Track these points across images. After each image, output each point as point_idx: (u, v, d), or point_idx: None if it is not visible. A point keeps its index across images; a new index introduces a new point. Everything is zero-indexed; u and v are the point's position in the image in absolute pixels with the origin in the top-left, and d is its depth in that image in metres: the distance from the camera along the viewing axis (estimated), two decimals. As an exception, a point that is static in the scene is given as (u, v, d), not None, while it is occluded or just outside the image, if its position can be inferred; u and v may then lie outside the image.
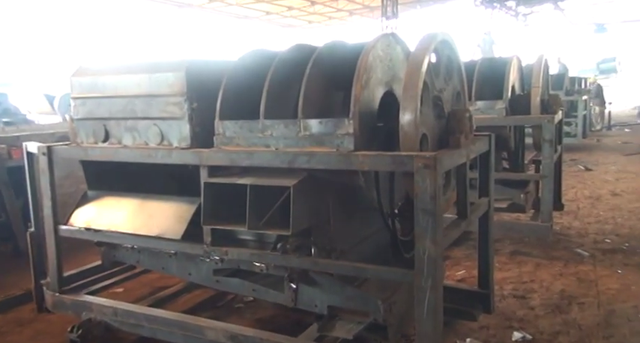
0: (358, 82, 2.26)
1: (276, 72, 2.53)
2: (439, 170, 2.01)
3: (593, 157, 10.47)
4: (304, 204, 2.32)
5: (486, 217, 2.88)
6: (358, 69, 2.29)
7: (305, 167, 2.28)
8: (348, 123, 2.24)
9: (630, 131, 14.90)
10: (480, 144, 2.67)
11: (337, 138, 2.27)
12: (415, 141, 2.14)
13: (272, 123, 2.43)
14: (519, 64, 4.77)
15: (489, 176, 2.85)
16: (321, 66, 2.46)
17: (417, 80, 2.15)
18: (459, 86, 2.74)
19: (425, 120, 2.30)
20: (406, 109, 2.14)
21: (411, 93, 2.14)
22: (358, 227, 2.64)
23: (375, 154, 2.14)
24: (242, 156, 2.42)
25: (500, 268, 4.39)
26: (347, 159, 2.17)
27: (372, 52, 2.37)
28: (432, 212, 2.01)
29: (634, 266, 4.35)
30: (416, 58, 2.20)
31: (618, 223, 5.68)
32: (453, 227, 2.35)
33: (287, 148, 2.38)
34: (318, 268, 2.31)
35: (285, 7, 22.90)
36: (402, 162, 2.07)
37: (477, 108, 4.47)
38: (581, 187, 7.67)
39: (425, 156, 2.00)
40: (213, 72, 2.68)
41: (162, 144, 2.76)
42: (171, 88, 2.66)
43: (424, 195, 2.01)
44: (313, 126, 2.32)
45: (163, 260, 2.91)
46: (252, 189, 2.34)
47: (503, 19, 21.28)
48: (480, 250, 2.93)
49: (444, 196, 2.61)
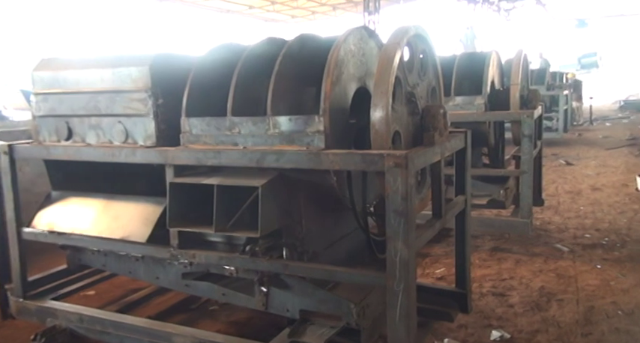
0: (328, 78, 2.17)
1: (245, 67, 2.43)
2: (411, 169, 1.93)
3: (574, 152, 10.54)
4: (274, 204, 2.24)
5: (463, 215, 2.82)
6: (328, 64, 2.20)
7: (274, 166, 2.19)
8: (318, 120, 2.15)
9: (611, 125, 15.06)
10: (456, 141, 2.60)
11: (307, 136, 2.18)
12: (386, 139, 2.06)
13: (240, 121, 2.33)
14: (499, 58, 4.72)
15: (466, 173, 2.78)
16: (291, 60, 2.37)
17: (389, 75, 2.07)
18: (435, 81, 2.67)
19: (397, 117, 2.22)
20: (377, 106, 2.06)
21: (382, 90, 2.06)
22: (332, 227, 2.56)
23: (345, 153, 2.05)
24: (209, 155, 2.31)
25: (480, 265, 4.36)
26: (317, 158, 2.09)
27: (343, 46, 2.28)
28: (404, 213, 1.93)
29: (613, 261, 4.34)
30: (387, 53, 2.12)
31: (598, 218, 5.69)
32: (427, 227, 2.28)
33: (256, 147, 2.29)
34: (288, 271, 2.23)
35: (269, 1, 22.66)
36: (372, 161, 1.98)
37: (456, 103, 4.42)
38: (562, 182, 7.69)
39: (395, 154, 1.92)
40: (180, 66, 2.57)
41: (127, 142, 2.65)
42: (135, 84, 2.55)
43: (395, 196, 1.94)
44: (282, 124, 2.23)
45: (130, 263, 2.80)
46: (220, 190, 2.25)
47: (485, 14, 21.36)
48: (457, 249, 2.87)
49: (419, 195, 2.54)
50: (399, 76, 2.20)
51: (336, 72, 2.22)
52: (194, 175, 2.42)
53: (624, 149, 10.46)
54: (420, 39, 2.45)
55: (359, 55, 2.44)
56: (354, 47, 2.40)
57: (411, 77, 2.36)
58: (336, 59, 2.21)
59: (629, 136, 12.15)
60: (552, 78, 12.62)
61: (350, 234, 2.69)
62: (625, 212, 5.85)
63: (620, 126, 14.55)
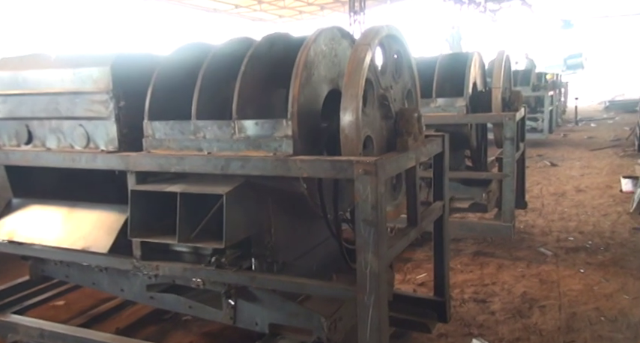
0: (297, 80, 2.06)
1: (211, 67, 2.31)
2: (381, 176, 1.83)
3: (559, 153, 10.54)
4: (240, 213, 2.12)
5: (441, 222, 2.72)
6: (297, 65, 2.09)
7: (240, 173, 2.07)
8: (286, 124, 2.04)
9: (596, 126, 15.13)
10: (433, 145, 2.50)
11: (275, 141, 2.07)
12: (357, 144, 1.96)
13: (205, 125, 2.21)
14: (481, 59, 4.64)
15: (444, 178, 2.69)
16: (259, 61, 2.26)
17: (359, 77, 1.96)
18: (411, 83, 2.57)
19: (369, 121, 2.12)
20: (347, 109, 1.96)
21: (352, 92, 1.95)
22: (304, 236, 2.45)
23: (313, 159, 1.94)
24: (171, 161, 2.19)
25: (462, 270, 4.28)
26: (284, 164, 1.97)
27: (313, 46, 2.17)
28: (374, 222, 1.83)
29: (596, 265, 4.29)
30: (357, 54, 2.01)
31: (582, 220, 5.65)
32: (401, 236, 2.18)
33: (221, 152, 2.17)
34: (255, 284, 2.12)
35: (255, 0, 22.50)
36: (341, 168, 1.88)
37: (437, 105, 4.33)
38: (546, 183, 7.66)
39: (365, 161, 1.82)
40: (144, 67, 2.44)
41: (89, 147, 2.52)
42: (96, 85, 2.42)
43: (365, 204, 1.83)
44: (249, 128, 2.12)
45: (93, 274, 2.66)
46: (183, 198, 2.13)
47: (472, 15, 21.39)
48: (435, 256, 2.78)
49: (395, 201, 2.44)
50: (371, 77, 2.10)
51: (305, 73, 2.11)
52: (158, 182, 2.30)
53: (609, 150, 10.48)
54: (394, 39, 2.35)
55: (331, 55, 2.33)
56: (326, 47, 2.29)
57: (384, 79, 2.26)
58: (305, 60, 2.10)
59: (614, 137, 12.20)
60: (538, 78, 12.64)
61: (325, 242, 2.58)
62: (609, 214, 5.82)
63: (605, 127, 14.62)
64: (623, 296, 3.65)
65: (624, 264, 4.26)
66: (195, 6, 22.19)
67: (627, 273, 4.07)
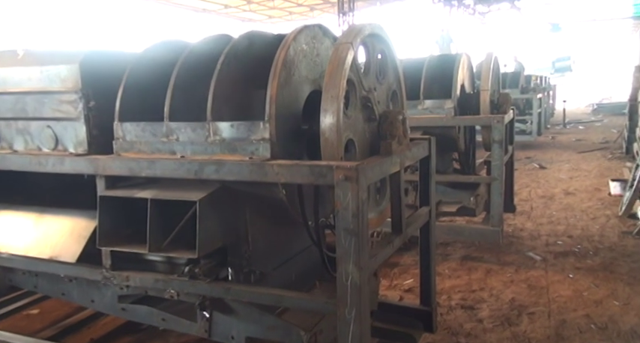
0: (275, 80, 1.95)
1: (186, 66, 2.19)
2: (363, 182, 1.73)
3: (548, 155, 10.53)
4: (215, 220, 2.01)
5: (428, 228, 2.62)
6: (275, 64, 1.98)
7: (214, 178, 1.96)
8: (263, 126, 1.93)
9: (584, 128, 15.19)
10: (419, 149, 2.40)
11: (251, 144, 1.96)
12: (337, 148, 1.85)
13: (178, 126, 2.09)
14: (469, 61, 4.56)
15: (430, 183, 2.59)
16: (236, 60, 2.14)
17: (340, 78, 1.86)
18: (396, 85, 2.47)
19: (351, 123, 2.02)
20: (327, 112, 1.85)
21: (332, 93, 1.85)
22: (284, 244, 2.34)
23: (291, 164, 1.83)
24: (142, 164, 2.07)
25: (449, 275, 4.19)
26: (260, 169, 1.86)
27: (292, 45, 2.07)
28: (355, 231, 1.72)
29: (585, 270, 4.22)
30: (338, 53, 1.91)
31: (571, 224, 5.60)
32: (384, 245, 2.08)
33: (194, 156, 2.06)
34: (230, 296, 2.00)
35: (244, 0, 22.34)
36: (321, 174, 1.77)
37: (425, 107, 4.24)
38: (535, 186, 7.62)
39: (345, 166, 1.71)
40: (115, 65, 2.32)
41: (57, 149, 2.39)
42: (64, 84, 2.29)
43: (346, 212, 1.73)
44: (224, 131, 2.00)
45: (63, 285, 2.52)
46: (155, 204, 2.01)
47: (461, 17, 21.43)
48: (421, 264, 2.68)
49: (379, 207, 2.34)
50: (353, 78, 2.00)
51: (284, 73, 2.00)
52: (129, 187, 2.18)
53: (597, 152, 10.49)
54: (377, 38, 2.24)
55: (312, 55, 2.23)
56: (307, 46, 2.19)
57: (367, 80, 2.15)
58: (283, 59, 1.99)
59: (602, 140, 12.23)
60: (526, 81, 12.64)
61: (307, 248, 2.47)
62: (597, 218, 5.78)
63: (593, 130, 14.68)
64: (613, 303, 3.58)
65: (614, 269, 4.20)
66: (184, 6, 21.97)
67: (617, 278, 4.00)
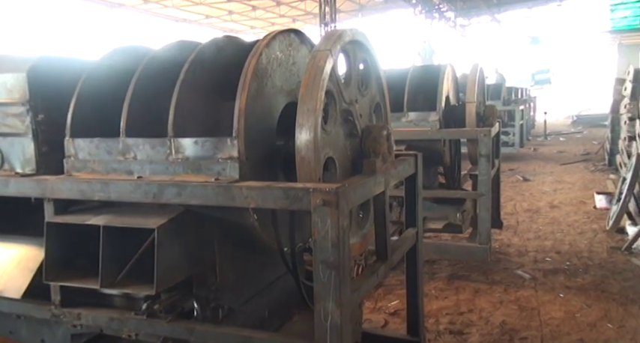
0: (244, 91, 1.74)
1: (145, 75, 1.97)
2: (343, 207, 1.51)
3: (531, 167, 10.49)
4: (177, 250, 1.77)
5: (415, 252, 2.42)
6: (245, 73, 1.77)
7: (175, 202, 1.73)
8: (230, 143, 1.71)
9: (565, 140, 15.27)
10: (404, 166, 2.21)
11: (218, 163, 1.74)
12: (315, 168, 1.64)
13: (135, 143, 1.86)
14: (454, 72, 4.42)
15: (417, 202, 2.39)
16: (203, 68, 1.93)
17: (317, 89, 1.65)
18: (379, 96, 2.28)
19: (330, 140, 1.81)
20: (303, 127, 1.64)
21: (309, 106, 1.64)
22: (256, 273, 2.10)
23: (262, 186, 1.61)
24: (95, 186, 1.83)
25: (436, 296, 3.99)
26: (227, 192, 1.64)
27: (265, 52, 1.86)
28: (335, 264, 1.51)
29: (576, 289, 4.06)
30: (315, 62, 1.70)
31: (558, 239, 5.46)
32: (368, 275, 1.86)
33: (154, 176, 1.82)
34: (194, 338, 1.76)
35: (226, 11, 22.15)
36: (296, 198, 1.55)
37: (409, 120, 4.07)
38: (520, 199, 7.51)
39: (324, 189, 1.50)
40: (68, 73, 2.09)
41: (3, 168, 2.13)
42: (11, 94, 2.05)
43: (324, 242, 1.51)
44: (187, 148, 1.78)
45: (10, 322, 2.24)
46: (108, 232, 1.77)
47: (442, 30, 21.58)
48: (408, 290, 2.47)
49: (362, 230, 2.13)
50: (332, 89, 1.80)
51: (255, 83, 1.79)
52: (82, 211, 1.93)
53: (579, 164, 10.48)
54: (359, 46, 2.05)
55: (288, 63, 2.02)
56: (282, 54, 1.98)
57: (348, 91, 1.95)
58: (254, 67, 1.78)
59: (583, 151, 12.26)
60: (508, 93, 12.66)
61: (285, 275, 2.24)
62: (585, 232, 5.65)
63: (573, 141, 14.76)
64: (607, 325, 3.41)
65: (605, 288, 4.05)
66: (166, 16, 21.72)
67: (609, 298, 3.85)
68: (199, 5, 20.62)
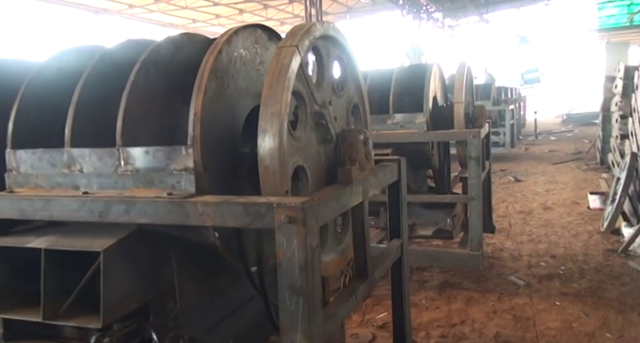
0: (200, 93, 1.54)
1: (95, 77, 1.76)
2: (312, 225, 1.32)
3: (522, 167, 10.36)
4: (128, 275, 1.57)
5: (400, 265, 2.23)
6: (201, 74, 1.57)
7: (123, 220, 1.52)
8: (185, 152, 1.51)
9: (556, 139, 15.19)
10: (386, 173, 2.02)
11: (172, 175, 1.54)
12: (280, 179, 1.45)
13: (81, 154, 1.66)
14: (441, 72, 4.25)
15: (401, 212, 2.21)
16: (158, 69, 1.73)
17: (282, 90, 1.46)
18: (358, 97, 2.09)
19: (301, 146, 1.62)
20: (266, 133, 1.45)
21: (273, 110, 1.45)
22: (222, 298, 1.90)
23: (219, 202, 1.41)
24: (36, 204, 1.62)
25: (427, 306, 3.80)
26: (180, 209, 1.44)
27: (226, 49, 1.67)
28: (303, 290, 1.31)
29: (573, 295, 3.89)
30: (280, 59, 1.51)
31: (552, 241, 5.30)
32: (346, 298, 1.67)
33: (101, 192, 1.62)
34: (147, 372, 1.55)
35: (213, 15, 21.92)
36: (257, 214, 1.36)
37: (395, 122, 3.89)
38: (512, 200, 7.36)
39: (289, 204, 1.30)
40: (10, 77, 1.88)
41: (-60, 184, 1.91)
42: (-56, 103, 1.83)
43: (290, 265, 1.31)
44: (137, 159, 1.58)
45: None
46: (51, 256, 1.56)
47: (431, 31, 21.50)
48: (393, 307, 2.28)
49: (340, 245, 1.93)
50: (301, 90, 1.60)
51: (214, 85, 1.60)
52: (25, 232, 1.72)
53: (571, 164, 10.37)
54: (333, 43, 1.86)
55: (254, 63, 1.83)
56: (247, 52, 1.79)
57: (321, 92, 1.76)
58: (212, 67, 1.58)
59: (575, 150, 12.17)
60: (498, 93, 12.56)
61: (256, 299, 2.04)
62: (579, 234, 5.50)
63: (564, 140, 14.69)
64: (606, 335, 3.24)
65: (602, 294, 3.88)
66: (152, 20, 21.40)
67: (607, 305, 3.68)
68: (186, 9, 20.34)
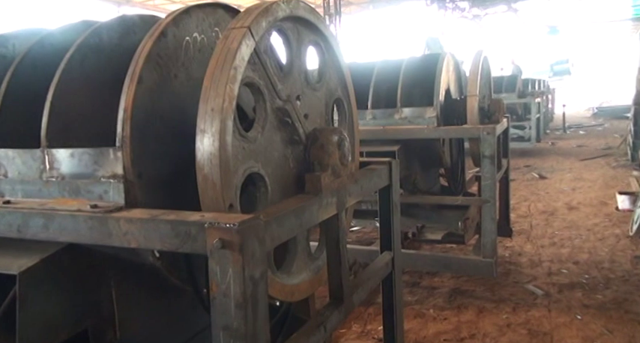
0: (132, 85, 1.28)
1: (28, 65, 1.52)
2: (253, 250, 1.05)
3: (548, 163, 9.86)
4: (54, 301, 1.33)
5: (390, 283, 1.95)
6: (135, 62, 1.31)
7: (43, 238, 1.28)
8: (114, 156, 1.26)
9: (585, 133, 14.53)
10: (372, 178, 1.73)
11: (99, 184, 1.28)
12: (222, 191, 1.18)
13: (5, 155, 1.42)
14: (455, 62, 3.91)
15: (392, 221, 1.92)
16: (99, 56, 1.48)
17: (225, 80, 1.19)
18: (341, 90, 1.80)
19: (257, 149, 1.34)
20: (204, 134, 1.18)
21: (213, 105, 1.18)
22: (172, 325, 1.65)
23: (146, 218, 1.15)
24: (-50, 213, 1.39)
25: (435, 317, 3.50)
26: (102, 226, 1.19)
27: (172, 33, 1.40)
28: (241, 334, 1.05)
29: (596, 308, 3.54)
30: (227, 44, 1.24)
31: (576, 246, 4.91)
32: (310, 331, 1.39)
33: (25, 201, 1.38)
34: None
35: (233, 5, 21.75)
36: (187, 236, 1.10)
37: (403, 116, 3.58)
38: (535, 199, 6.94)
39: (222, 225, 1.04)
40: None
41: None
42: None
43: (225, 301, 1.05)
44: (63, 162, 1.33)
45: None
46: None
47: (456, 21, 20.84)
48: (385, 332, 2.00)
49: (315, 262, 1.66)
50: (257, 81, 1.33)
51: (154, 75, 1.34)
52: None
53: (600, 160, 9.82)
54: (306, 26, 1.57)
55: (211, 48, 1.56)
56: (203, 36, 1.52)
57: (289, 84, 1.48)
58: (149, 53, 1.32)
59: (605, 146, 11.57)
60: (524, 85, 12.02)
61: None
62: (606, 238, 5.09)
63: (594, 135, 14.02)
64: (633, 357, 2.90)
65: (629, 308, 3.51)
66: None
67: (634, 321, 3.32)
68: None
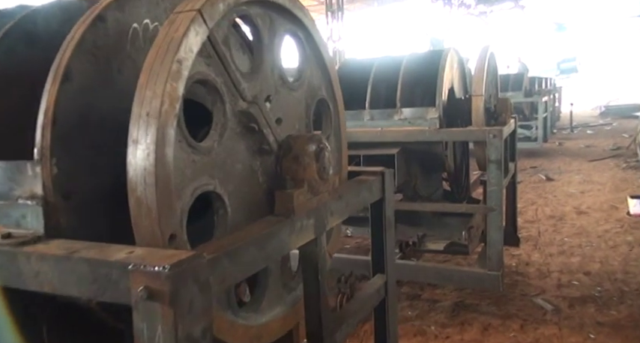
0: (56, 83, 1.03)
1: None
2: (189, 303, 0.80)
3: (555, 164, 9.57)
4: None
5: (383, 310, 1.70)
6: (61, 53, 1.06)
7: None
8: (32, 171, 1.01)
9: (593, 133, 14.20)
10: (361, 192, 1.48)
11: (17, 206, 1.04)
12: (160, 218, 0.93)
13: None
14: (459, 58, 3.64)
15: (385, 239, 1.66)
16: (31, 46, 1.23)
17: (165, 78, 0.94)
18: (326, 90, 1.54)
19: (214, 163, 1.09)
20: (137, 145, 0.93)
21: (148, 109, 0.93)
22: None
23: (61, 255, 0.90)
24: None
25: (436, 335, 3.25)
26: (11, 263, 0.94)
27: (113, 18, 1.15)
28: None
29: (610, 326, 3.27)
30: (169, 33, 0.98)
31: (587, 254, 4.64)
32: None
33: None
34: None
35: None
36: (108, 281, 0.85)
37: (403, 117, 3.32)
38: (542, 203, 6.67)
39: (148, 269, 0.79)
40: None
41: None
42: None
43: (152, 367, 0.80)
44: (-26, 178, 1.09)
45: None
46: None
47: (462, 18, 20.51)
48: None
49: (292, 294, 1.41)
50: (212, 79, 1.07)
51: (89, 69, 1.09)
52: None
53: (609, 161, 9.52)
54: (280, 12, 1.31)
55: (169, 40, 1.31)
56: (154, 23, 1.27)
57: (256, 82, 1.23)
58: (80, 43, 1.07)
59: (613, 145, 11.25)
60: (531, 83, 11.71)
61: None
62: (618, 246, 4.82)
63: (602, 134, 13.69)
64: (653, 384, 2.64)
65: (647, 326, 3.25)
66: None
67: (653, 341, 3.06)
68: None
